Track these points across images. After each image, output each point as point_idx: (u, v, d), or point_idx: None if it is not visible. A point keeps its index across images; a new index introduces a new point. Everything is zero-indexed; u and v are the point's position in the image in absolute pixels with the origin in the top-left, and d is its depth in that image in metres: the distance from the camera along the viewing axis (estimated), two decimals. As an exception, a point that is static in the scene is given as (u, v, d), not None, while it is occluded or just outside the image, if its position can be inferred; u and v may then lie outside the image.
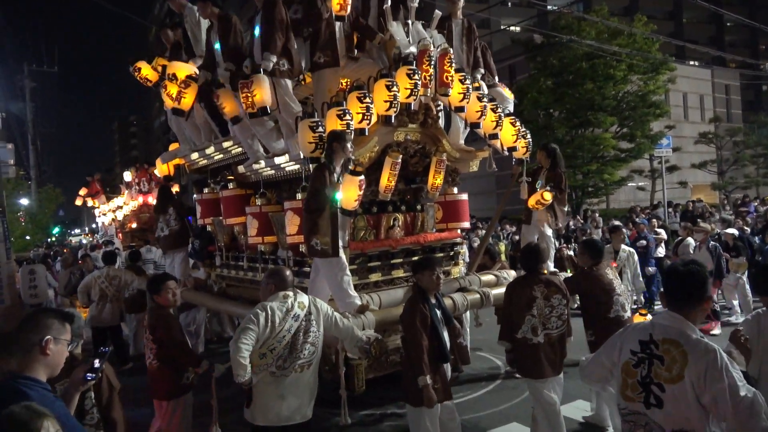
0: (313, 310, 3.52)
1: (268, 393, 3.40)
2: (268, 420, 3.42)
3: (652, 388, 2.20)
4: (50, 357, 2.15)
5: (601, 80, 21.46)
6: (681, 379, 2.13)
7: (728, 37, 49.72)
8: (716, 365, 2.09)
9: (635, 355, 2.28)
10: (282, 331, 3.34)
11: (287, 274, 3.62)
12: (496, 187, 30.79)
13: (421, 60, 5.29)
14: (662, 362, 2.19)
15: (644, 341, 2.27)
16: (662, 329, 2.25)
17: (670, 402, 2.16)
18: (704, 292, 2.28)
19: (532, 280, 4.28)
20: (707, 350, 2.13)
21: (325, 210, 4.60)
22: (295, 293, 3.54)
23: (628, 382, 2.29)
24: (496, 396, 5.84)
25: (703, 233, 8.78)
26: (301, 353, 3.41)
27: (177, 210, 7.53)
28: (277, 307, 3.38)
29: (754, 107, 43.74)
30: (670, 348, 2.19)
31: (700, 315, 2.29)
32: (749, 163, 30.39)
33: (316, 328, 3.51)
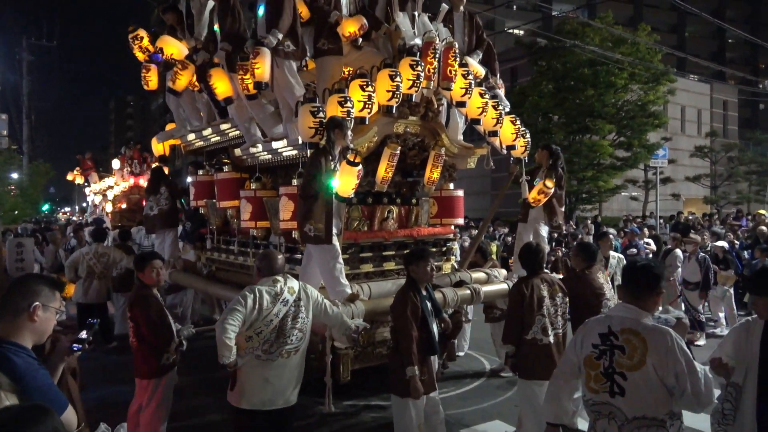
0: (302, 296, 3.49)
1: (253, 376, 3.37)
2: (251, 404, 3.39)
3: (615, 378, 2.35)
4: (38, 323, 2.10)
5: (602, 87, 21.52)
6: (643, 365, 2.30)
7: (729, 53, 50.00)
8: (674, 346, 2.30)
9: (596, 348, 2.44)
10: (270, 315, 3.31)
11: (278, 258, 3.58)
12: (491, 188, 30.85)
13: (426, 52, 5.25)
14: (623, 351, 2.35)
15: (604, 334, 2.43)
16: (620, 320, 2.43)
17: (632, 389, 2.31)
18: (657, 285, 2.48)
19: (539, 280, 4.27)
20: (662, 333, 2.34)
21: (320, 196, 4.57)
22: (285, 278, 3.50)
23: (591, 375, 2.44)
24: (480, 393, 5.85)
25: (693, 244, 8.83)
26: (288, 338, 3.38)
27: (169, 190, 7.47)
28: (265, 291, 3.35)
29: (751, 124, 44.08)
30: (630, 337, 2.36)
31: (653, 306, 2.49)
32: (742, 179, 30.65)
33: (305, 314, 3.48)
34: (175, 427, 4.40)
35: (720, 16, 35.92)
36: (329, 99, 4.75)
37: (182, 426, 4.71)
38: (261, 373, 3.36)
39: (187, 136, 7.24)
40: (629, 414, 2.32)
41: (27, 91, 27.50)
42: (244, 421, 3.47)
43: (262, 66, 4.94)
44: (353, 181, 4.66)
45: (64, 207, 54.91)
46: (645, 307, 2.44)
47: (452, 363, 6.55)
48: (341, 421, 5.10)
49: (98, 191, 15.15)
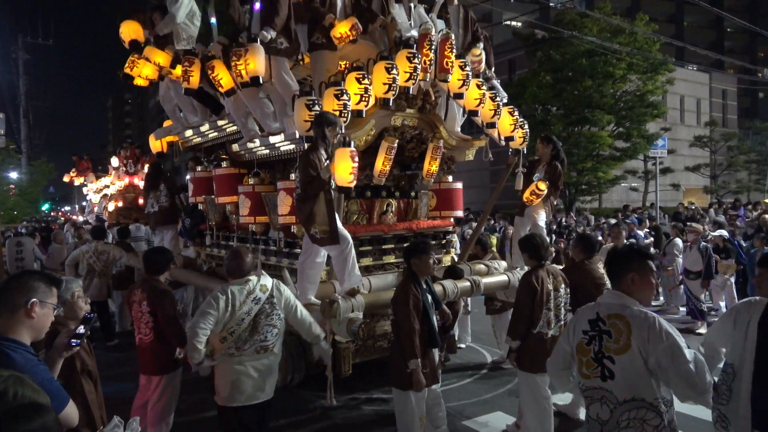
0: (275, 294, 3.52)
1: (231, 375, 3.42)
2: (235, 400, 3.43)
3: (605, 362, 2.41)
4: (35, 320, 2.10)
5: (601, 78, 21.49)
6: (629, 348, 2.34)
7: (728, 42, 49.86)
8: (656, 328, 2.32)
9: (586, 334, 2.49)
10: (241, 314, 3.36)
11: (247, 258, 3.58)
12: (490, 181, 30.83)
13: (422, 44, 5.22)
14: (610, 336, 2.40)
15: (592, 320, 2.48)
16: (607, 306, 2.48)
17: (620, 372, 2.36)
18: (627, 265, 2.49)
19: (545, 272, 4.24)
20: (646, 317, 2.37)
21: (320, 197, 4.52)
22: (258, 276, 3.54)
23: (583, 361, 2.49)
24: (481, 385, 5.85)
25: (694, 234, 8.82)
26: (261, 335, 3.43)
27: (168, 187, 7.47)
28: (237, 291, 3.39)
29: (750, 113, 44.02)
30: (616, 321, 2.41)
31: (640, 293, 2.48)
32: (742, 168, 30.66)
33: (279, 312, 3.53)
34: (177, 422, 4.41)
35: (718, 4, 35.75)
36: (326, 92, 4.73)
37: (184, 421, 4.72)
38: (238, 370, 3.40)
39: (185, 132, 7.22)
40: (620, 396, 2.37)
41: (24, 90, 27.42)
42: (230, 419, 3.51)
43: (254, 62, 4.92)
44: (350, 165, 4.51)
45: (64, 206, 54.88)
46: (630, 293, 2.46)
47: (453, 355, 6.57)
48: (343, 414, 5.11)
49: (96, 190, 15.34)
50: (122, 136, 74.40)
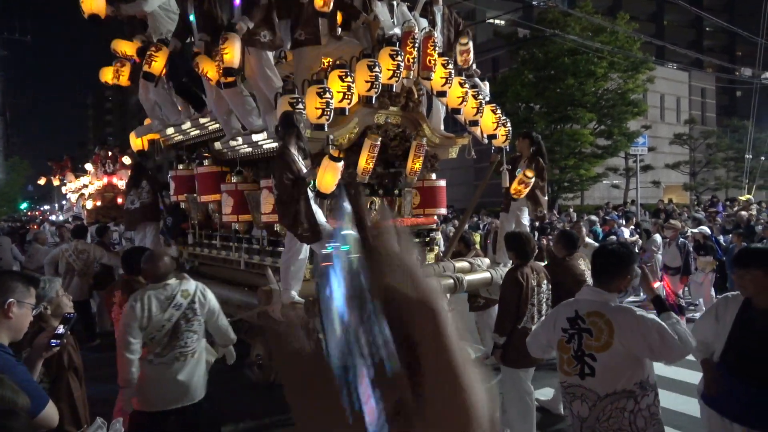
0: (197, 299, 3.44)
1: (149, 379, 3.33)
2: (151, 405, 3.34)
3: (585, 360, 2.43)
4: (13, 320, 2.08)
5: (583, 76, 21.71)
6: (610, 345, 2.38)
7: (707, 41, 50.63)
8: (638, 320, 2.38)
9: (566, 332, 2.51)
10: (161, 320, 3.28)
11: (162, 261, 3.47)
12: (474, 179, 30.98)
13: (405, 42, 5.23)
14: (591, 334, 2.42)
15: (571, 318, 2.50)
16: (586, 304, 2.50)
17: (602, 369, 2.40)
18: (626, 268, 2.54)
19: (528, 268, 4.30)
20: (625, 312, 2.43)
21: (300, 198, 4.51)
22: (180, 280, 3.45)
23: (564, 358, 2.52)
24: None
25: (672, 230, 8.97)
26: (182, 341, 3.36)
27: (150, 184, 7.37)
28: (154, 296, 3.31)
29: (728, 111, 44.78)
30: (596, 319, 2.42)
31: (620, 289, 2.57)
32: (720, 165, 31.16)
33: (200, 318, 3.45)
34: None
35: (698, 4, 36.27)
36: (308, 90, 4.71)
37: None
38: (158, 376, 3.32)
39: (166, 130, 7.15)
40: (601, 392, 2.40)
41: (1, 87, 26.91)
42: (140, 422, 3.38)
43: (231, 51, 4.86)
44: (335, 178, 4.57)
45: (43, 205, 53.99)
46: (610, 290, 2.52)
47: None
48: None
49: (75, 189, 15.44)
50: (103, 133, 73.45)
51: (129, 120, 59.56)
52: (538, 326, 2.84)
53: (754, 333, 2.68)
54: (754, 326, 2.69)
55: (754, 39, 19.57)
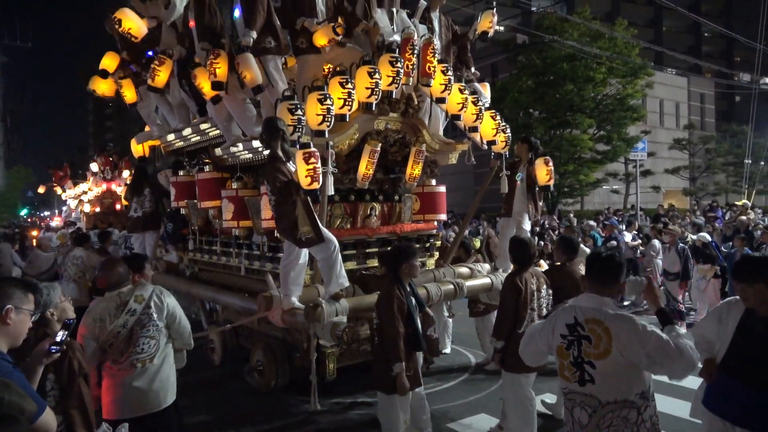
0: (153, 304, 3.33)
1: (111, 387, 3.25)
2: (115, 413, 3.23)
3: (585, 367, 2.42)
4: (11, 326, 2.08)
5: (581, 82, 21.76)
6: (609, 353, 2.36)
7: (705, 47, 50.76)
8: (638, 329, 2.35)
9: (565, 338, 2.50)
10: (116, 327, 3.22)
11: (116, 269, 3.40)
12: (474, 184, 31.01)
13: (405, 48, 5.26)
14: (590, 341, 2.42)
15: (570, 324, 2.49)
16: (584, 311, 2.48)
17: (601, 376, 2.38)
18: (620, 275, 2.54)
19: (528, 273, 4.31)
20: (623, 320, 2.39)
21: (297, 200, 4.51)
22: (135, 286, 3.39)
23: (564, 364, 2.50)
24: (465, 388, 5.89)
25: (671, 235, 8.98)
26: (138, 347, 3.26)
27: (152, 191, 7.40)
28: (107, 304, 3.28)
29: (727, 117, 44.86)
30: (594, 327, 2.42)
31: (615, 295, 2.55)
32: (720, 170, 31.21)
33: (157, 323, 3.33)
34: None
35: (696, 10, 36.41)
36: (309, 97, 4.73)
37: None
38: (116, 384, 3.25)
39: (167, 136, 7.17)
40: (602, 399, 2.39)
41: (1, 93, 26.98)
42: None
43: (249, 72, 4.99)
44: (304, 168, 4.44)
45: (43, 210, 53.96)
46: (605, 295, 2.51)
47: (437, 358, 6.59)
48: (328, 418, 5.10)
49: (74, 196, 15.91)
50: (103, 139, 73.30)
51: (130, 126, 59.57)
52: (534, 332, 2.78)
53: (756, 338, 2.70)
54: (756, 331, 2.71)
55: (752, 44, 19.63)
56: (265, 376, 5.64)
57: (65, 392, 2.61)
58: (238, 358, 6.52)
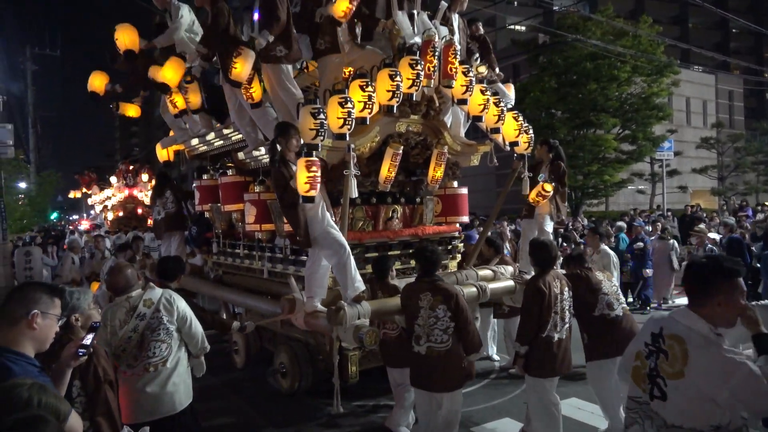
0: (162, 308, 3.36)
1: (126, 392, 3.24)
2: (133, 418, 3.24)
3: (657, 381, 2.22)
4: (37, 331, 2.11)
5: (605, 81, 21.43)
6: (681, 376, 2.13)
7: (733, 43, 49.66)
8: (724, 359, 2.05)
9: (647, 346, 2.30)
10: (127, 332, 3.25)
11: (124, 273, 3.42)
12: (496, 185, 30.80)
13: (425, 51, 5.24)
14: (666, 357, 2.19)
15: (655, 334, 2.28)
16: (672, 324, 2.24)
17: (672, 397, 2.17)
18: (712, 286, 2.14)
19: (551, 276, 4.24)
20: (708, 348, 2.09)
21: (297, 204, 4.58)
22: (144, 290, 3.41)
23: (641, 372, 2.32)
24: (489, 391, 5.83)
25: (698, 236, 8.82)
26: (149, 351, 3.29)
27: (174, 194, 7.50)
28: (117, 309, 3.30)
29: (757, 114, 43.77)
30: (674, 344, 2.18)
31: (720, 313, 2.14)
32: (750, 169, 30.45)
33: (168, 326, 3.35)
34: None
35: (723, 5, 35.65)
36: (330, 100, 4.74)
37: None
38: (129, 389, 3.26)
39: (191, 141, 7.27)
40: (669, 420, 2.18)
41: (32, 100, 27.70)
42: None
43: (241, 66, 4.98)
44: (305, 175, 4.45)
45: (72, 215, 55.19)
46: (705, 315, 2.16)
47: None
48: (350, 421, 5.10)
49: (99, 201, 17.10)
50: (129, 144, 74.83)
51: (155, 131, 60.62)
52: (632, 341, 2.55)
53: None
54: None
55: (782, 40, 19.11)
56: (288, 379, 5.67)
57: (92, 399, 2.63)
58: (261, 360, 6.56)
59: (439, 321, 3.98)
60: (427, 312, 3.99)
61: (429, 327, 3.98)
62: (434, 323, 3.98)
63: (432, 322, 3.98)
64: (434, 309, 3.98)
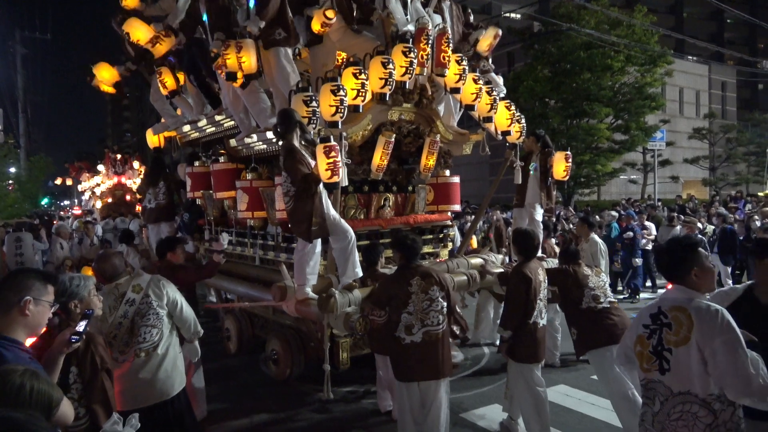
0: (151, 293, 3.35)
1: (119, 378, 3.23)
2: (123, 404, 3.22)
3: (664, 354, 2.36)
4: (30, 317, 2.12)
5: (599, 70, 21.42)
6: (687, 341, 2.29)
7: (727, 34, 49.68)
8: (717, 320, 2.24)
9: (647, 328, 2.46)
10: (117, 318, 3.25)
11: (112, 261, 3.41)
12: (489, 174, 30.84)
13: (419, 38, 5.22)
14: (670, 328, 2.36)
15: (654, 314, 2.45)
16: (670, 300, 2.43)
17: (676, 363, 2.33)
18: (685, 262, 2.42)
19: (537, 265, 4.35)
20: (709, 310, 2.29)
21: (315, 193, 4.54)
22: (132, 276, 3.41)
23: (644, 354, 2.46)
24: (478, 379, 5.90)
25: (689, 227, 8.91)
26: (140, 337, 3.27)
27: (167, 185, 7.47)
28: (105, 296, 3.27)
29: (750, 105, 43.94)
30: (677, 314, 2.35)
31: (700, 284, 2.41)
32: (741, 160, 30.64)
33: (158, 311, 3.34)
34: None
35: (718, -4, 35.61)
36: (322, 88, 4.73)
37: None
38: (122, 375, 3.25)
39: (183, 127, 7.23)
40: (675, 389, 2.33)
41: (22, 85, 27.35)
42: None
43: (249, 58, 4.99)
44: (324, 161, 4.47)
45: (63, 200, 54.78)
46: (693, 287, 2.41)
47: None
48: (341, 407, 5.16)
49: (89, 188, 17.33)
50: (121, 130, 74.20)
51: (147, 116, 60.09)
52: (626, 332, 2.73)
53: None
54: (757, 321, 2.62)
55: (776, 31, 19.14)
56: (280, 365, 5.71)
57: (89, 386, 2.64)
58: (253, 347, 6.60)
59: (434, 302, 3.93)
60: (419, 296, 3.93)
61: (423, 311, 3.92)
62: (429, 306, 3.92)
63: (426, 305, 3.92)
64: (426, 292, 3.93)
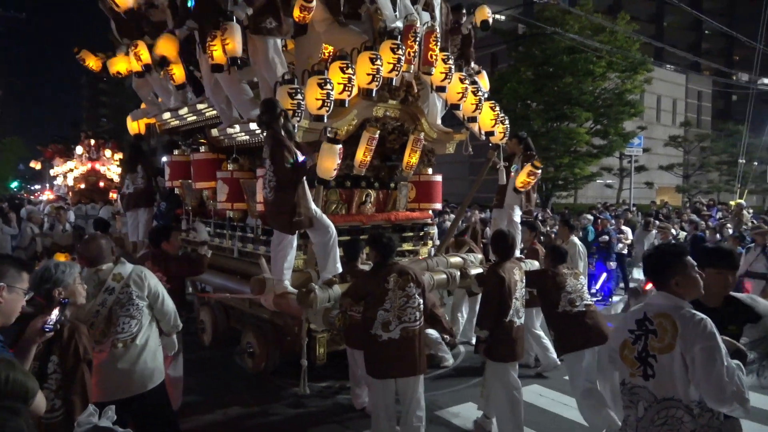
0: (132, 283, 3.26)
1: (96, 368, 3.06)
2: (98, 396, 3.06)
3: (648, 361, 2.38)
4: (3, 305, 2.07)
5: (581, 75, 21.69)
6: (672, 348, 2.30)
7: (705, 44, 50.76)
8: (700, 327, 2.25)
9: (632, 333, 2.46)
10: (95, 306, 3.17)
11: (96, 243, 3.32)
12: (470, 174, 31.01)
13: (407, 35, 5.21)
14: (656, 335, 2.37)
15: (640, 320, 2.45)
16: (656, 307, 2.43)
17: (660, 370, 2.34)
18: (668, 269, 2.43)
19: (513, 265, 4.41)
20: (693, 318, 2.30)
21: (299, 184, 4.53)
22: (116, 264, 3.32)
23: (628, 358, 2.47)
24: (453, 377, 5.93)
25: (663, 233, 9.10)
26: (118, 327, 3.20)
27: (146, 169, 7.34)
28: (85, 282, 3.13)
29: (724, 115, 44.96)
30: (662, 321, 2.36)
31: (683, 292, 2.42)
32: (714, 169, 31.37)
33: (138, 302, 3.27)
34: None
35: (698, 7, 36.31)
36: (309, 81, 4.69)
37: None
38: (99, 365, 3.13)
39: (163, 115, 7.10)
40: (659, 395, 2.34)
41: (-5, 63, 26.58)
42: None
43: (232, 41, 4.84)
44: (335, 162, 4.59)
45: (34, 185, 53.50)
46: (676, 294, 2.41)
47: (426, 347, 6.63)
48: (317, 402, 5.14)
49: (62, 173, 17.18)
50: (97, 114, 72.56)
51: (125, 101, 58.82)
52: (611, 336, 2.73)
53: None
54: None
55: (752, 44, 19.60)
56: (256, 359, 5.67)
57: (68, 377, 2.54)
58: (228, 339, 6.53)
59: (411, 299, 3.95)
60: (396, 293, 3.93)
61: (400, 308, 3.92)
62: (406, 302, 3.93)
63: (403, 302, 3.93)
64: (404, 288, 3.95)
